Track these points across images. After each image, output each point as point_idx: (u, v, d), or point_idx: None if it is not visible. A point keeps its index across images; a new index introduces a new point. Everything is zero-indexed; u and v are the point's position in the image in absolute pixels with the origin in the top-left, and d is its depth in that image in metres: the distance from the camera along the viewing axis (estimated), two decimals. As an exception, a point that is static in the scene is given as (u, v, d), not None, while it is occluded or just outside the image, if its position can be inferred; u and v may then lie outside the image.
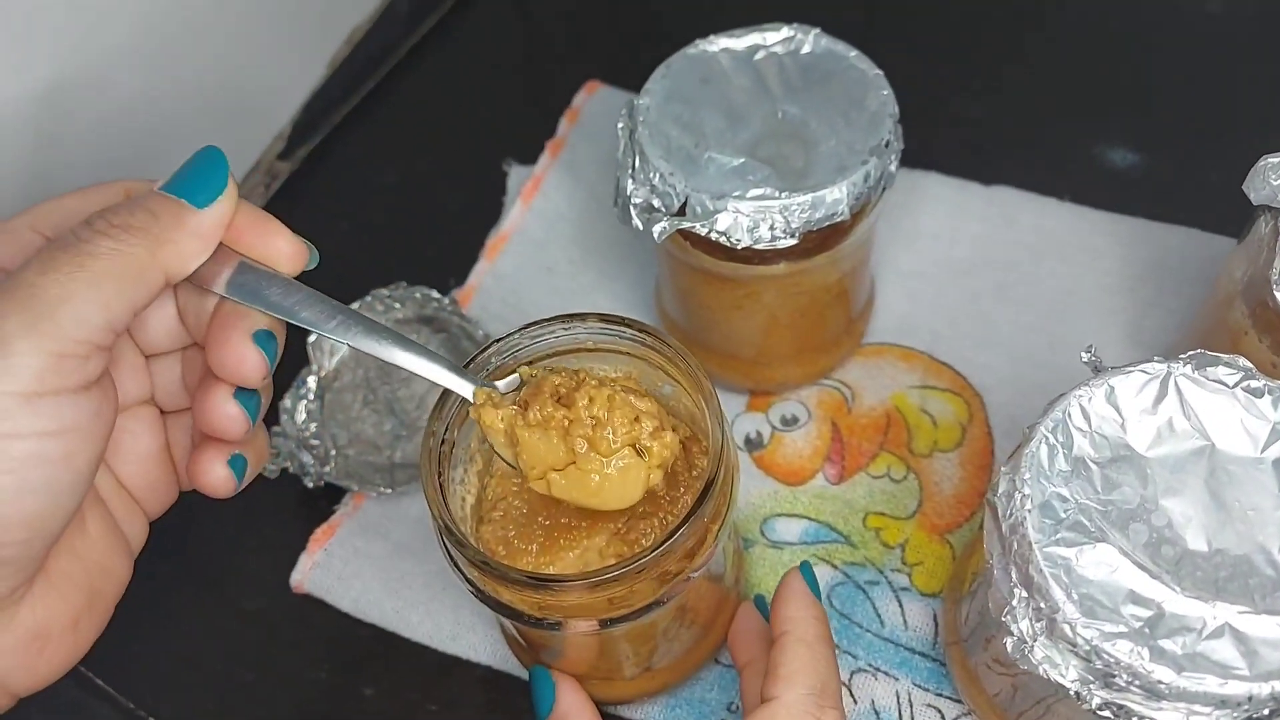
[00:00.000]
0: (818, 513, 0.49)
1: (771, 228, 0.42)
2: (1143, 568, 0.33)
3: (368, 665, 0.47)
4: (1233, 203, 0.42)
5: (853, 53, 0.46)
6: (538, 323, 0.39)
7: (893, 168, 0.44)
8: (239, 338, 0.33)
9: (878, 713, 0.44)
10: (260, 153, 0.61)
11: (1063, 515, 0.34)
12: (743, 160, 0.43)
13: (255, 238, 0.33)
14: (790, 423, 0.51)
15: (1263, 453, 0.35)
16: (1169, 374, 0.36)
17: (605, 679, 0.43)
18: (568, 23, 0.68)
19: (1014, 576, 0.34)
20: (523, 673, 0.46)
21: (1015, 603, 0.34)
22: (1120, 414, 0.36)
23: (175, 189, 0.32)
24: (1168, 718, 0.32)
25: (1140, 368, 0.36)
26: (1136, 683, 0.32)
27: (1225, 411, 0.35)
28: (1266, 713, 0.31)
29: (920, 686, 0.44)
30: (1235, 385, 0.35)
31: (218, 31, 0.55)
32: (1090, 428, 0.35)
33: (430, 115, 0.65)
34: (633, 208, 0.44)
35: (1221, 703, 0.31)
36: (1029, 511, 0.34)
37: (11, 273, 0.30)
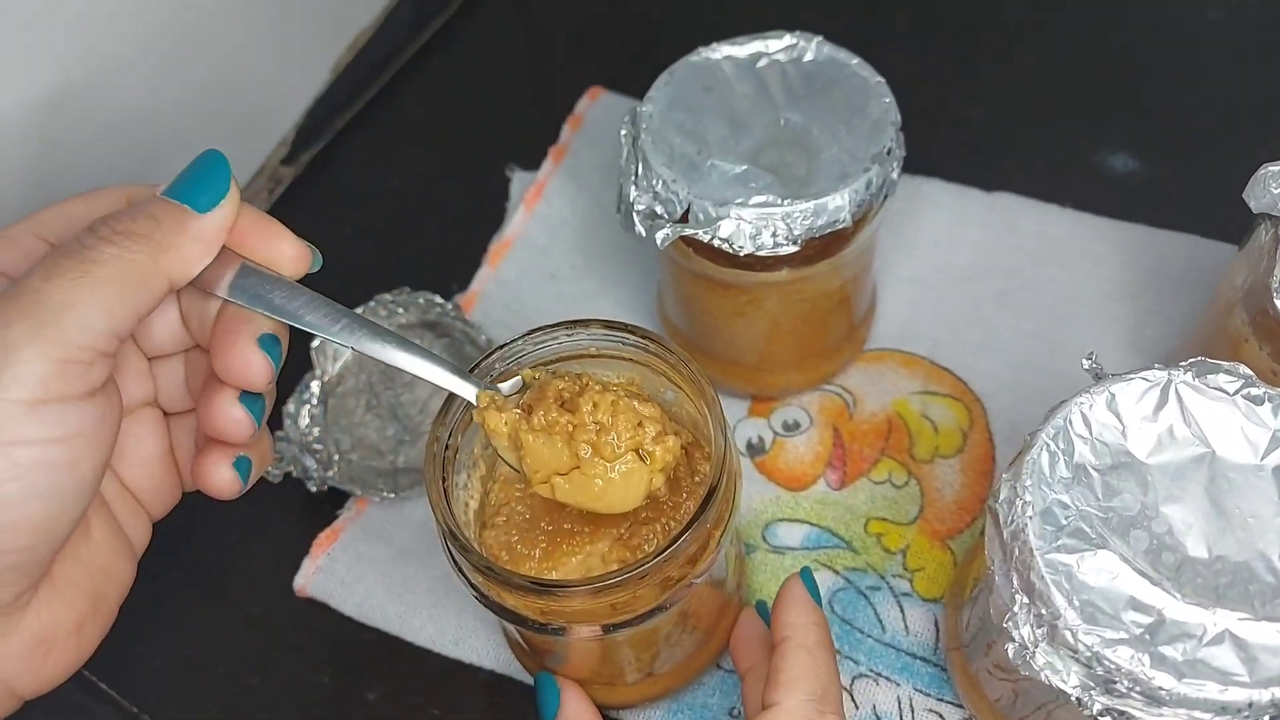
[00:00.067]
0: (819, 518, 0.49)
1: (774, 235, 0.42)
2: (1143, 574, 0.33)
3: (371, 669, 0.47)
4: (1234, 210, 0.42)
5: (854, 60, 0.46)
6: (541, 329, 0.39)
7: (894, 175, 0.44)
8: (244, 342, 0.33)
9: (879, 718, 0.44)
10: (264, 158, 0.61)
11: (1064, 522, 0.34)
12: (745, 167, 0.43)
13: (258, 241, 0.33)
14: (792, 428, 0.51)
15: (1263, 460, 0.35)
16: (1169, 381, 0.36)
17: (607, 684, 0.43)
18: (570, 29, 0.68)
19: (1015, 583, 0.34)
20: (526, 677, 0.46)
21: (1016, 609, 0.34)
22: (1121, 421, 0.36)
23: (177, 194, 0.32)
24: (1168, 724, 0.32)
25: (1141, 375, 0.36)
26: (1137, 689, 0.32)
27: (1225, 419, 0.35)
28: (1267, 719, 0.31)
29: (921, 692, 0.44)
30: (1235, 392, 0.35)
31: (222, 37, 0.55)
32: (1091, 435, 0.35)
33: (434, 121, 0.65)
34: (635, 214, 0.44)
35: (1222, 709, 0.31)
36: (1030, 518, 0.34)
37: (16, 279, 0.30)
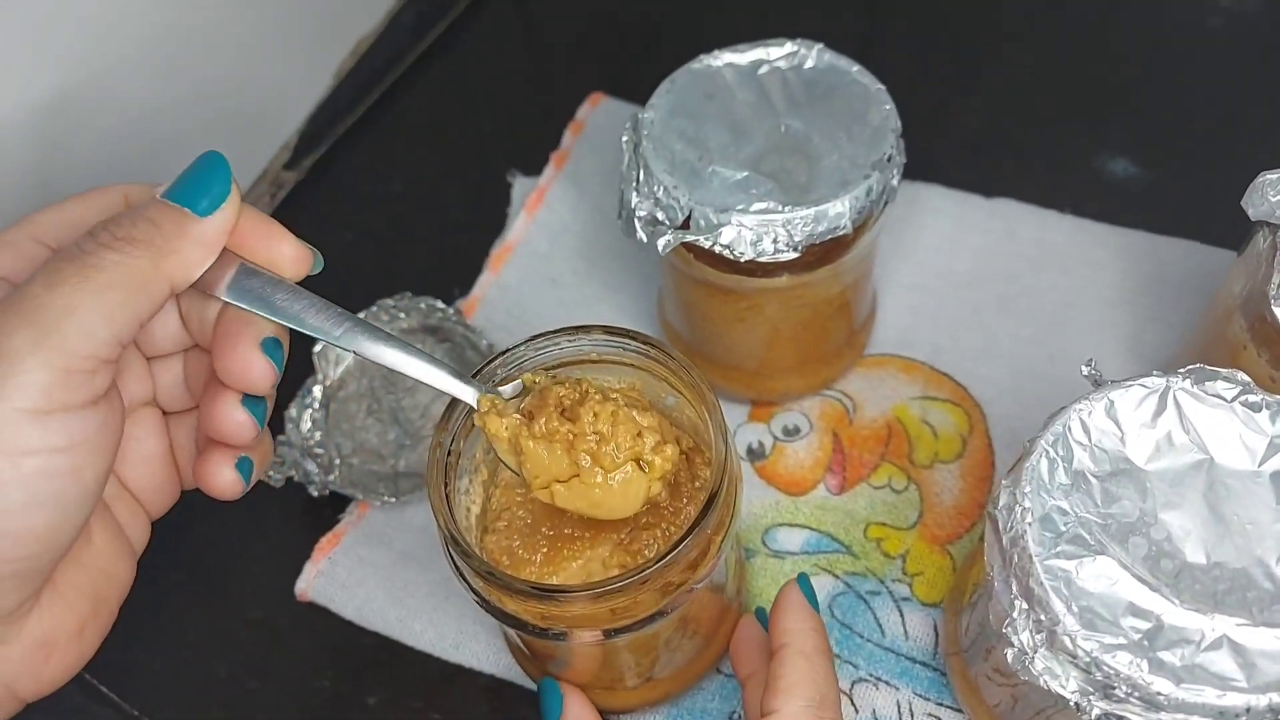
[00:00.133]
0: (819, 523, 0.49)
1: (774, 241, 0.42)
2: (1142, 580, 0.33)
3: (371, 673, 0.47)
4: (1233, 216, 0.42)
5: (855, 67, 0.46)
6: (543, 334, 0.39)
7: (894, 182, 0.44)
8: (246, 345, 0.33)
9: (879, 723, 0.44)
10: (266, 162, 0.61)
11: (1063, 528, 0.34)
12: (746, 174, 0.43)
13: (259, 243, 0.33)
14: (792, 433, 0.52)
15: (1260, 466, 0.35)
16: (1168, 388, 0.36)
17: (607, 689, 0.43)
18: (572, 34, 0.68)
19: (1014, 589, 0.34)
20: (526, 682, 0.46)
21: (1016, 614, 0.34)
22: (1120, 428, 0.36)
23: (177, 196, 0.31)
24: (1166, 729, 0.32)
25: (1139, 382, 0.36)
26: (1136, 694, 0.32)
27: (1224, 426, 0.35)
28: (1264, 724, 0.31)
29: (921, 696, 0.44)
30: (1233, 399, 0.36)
31: (224, 42, 0.56)
32: (1090, 441, 0.36)
33: (435, 126, 0.65)
34: (637, 220, 0.44)
35: (1220, 714, 0.31)
36: (1029, 524, 0.34)
37: (16, 285, 0.30)
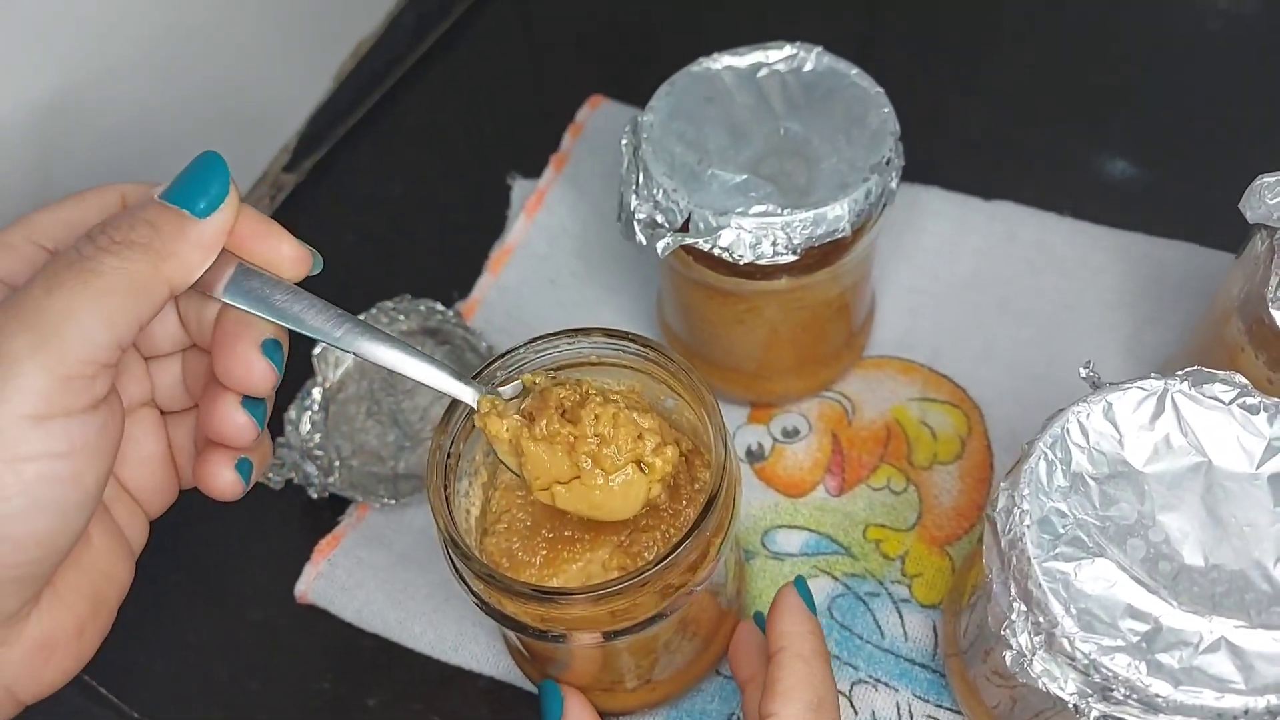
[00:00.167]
0: (818, 524, 0.49)
1: (773, 244, 0.42)
2: (1140, 582, 0.33)
3: (371, 676, 0.47)
4: (1231, 218, 0.42)
5: (854, 70, 0.46)
6: (542, 337, 0.39)
7: (893, 185, 0.44)
8: (246, 347, 0.33)
9: (878, 724, 0.44)
10: (266, 164, 0.61)
11: (1061, 530, 0.34)
12: (745, 177, 0.43)
13: (257, 243, 0.33)
14: (791, 435, 0.52)
15: (1258, 469, 0.35)
16: (1166, 390, 0.36)
17: (607, 690, 0.43)
18: (572, 37, 0.68)
19: (1013, 590, 0.34)
20: (526, 684, 0.46)
21: (1014, 616, 0.34)
22: (1118, 430, 0.36)
23: (175, 197, 0.31)
24: (1165, 731, 0.32)
25: (1138, 384, 0.36)
26: (1134, 696, 0.32)
27: (1221, 428, 0.35)
28: (1262, 726, 0.32)
29: (920, 698, 0.44)
30: (1231, 402, 0.36)
31: (224, 44, 0.56)
32: (1088, 444, 0.36)
33: (435, 128, 0.65)
34: (636, 223, 0.44)
35: (1218, 716, 0.31)
36: (1028, 527, 0.34)
37: (14, 288, 0.30)
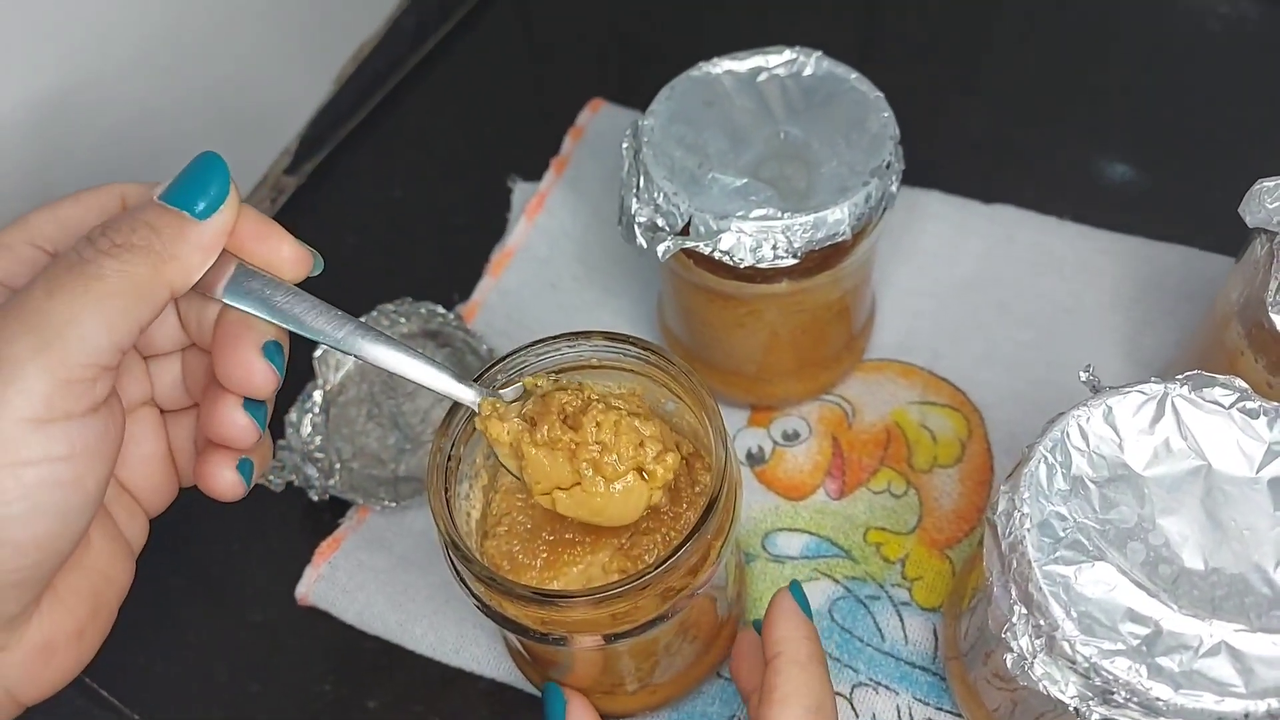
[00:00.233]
0: (819, 527, 0.49)
1: (774, 247, 0.42)
2: (1140, 586, 0.33)
3: (372, 677, 0.47)
4: (1230, 222, 0.42)
5: (854, 75, 0.46)
6: (543, 340, 0.39)
7: (893, 188, 0.45)
8: (247, 350, 0.33)
9: (878, 727, 0.44)
10: (267, 167, 0.61)
11: (1061, 534, 0.34)
12: (745, 181, 0.43)
13: (258, 244, 0.33)
14: (791, 438, 0.52)
15: (1258, 473, 0.35)
16: (1166, 394, 0.36)
17: (608, 693, 0.43)
18: (572, 40, 0.68)
19: (1013, 594, 0.34)
20: (526, 686, 0.46)
21: (1015, 619, 0.34)
22: (1118, 434, 0.36)
23: (175, 198, 0.31)
24: (1165, 734, 0.32)
25: (1138, 388, 0.36)
26: (1134, 699, 0.32)
27: (1221, 432, 0.36)
28: (1262, 730, 0.32)
29: (920, 701, 0.44)
30: (1231, 406, 0.36)
31: (226, 47, 0.56)
32: (1088, 447, 0.36)
33: (436, 131, 0.65)
34: (637, 226, 0.44)
35: (1218, 720, 0.32)
36: (1028, 530, 0.34)
37: (14, 290, 0.30)
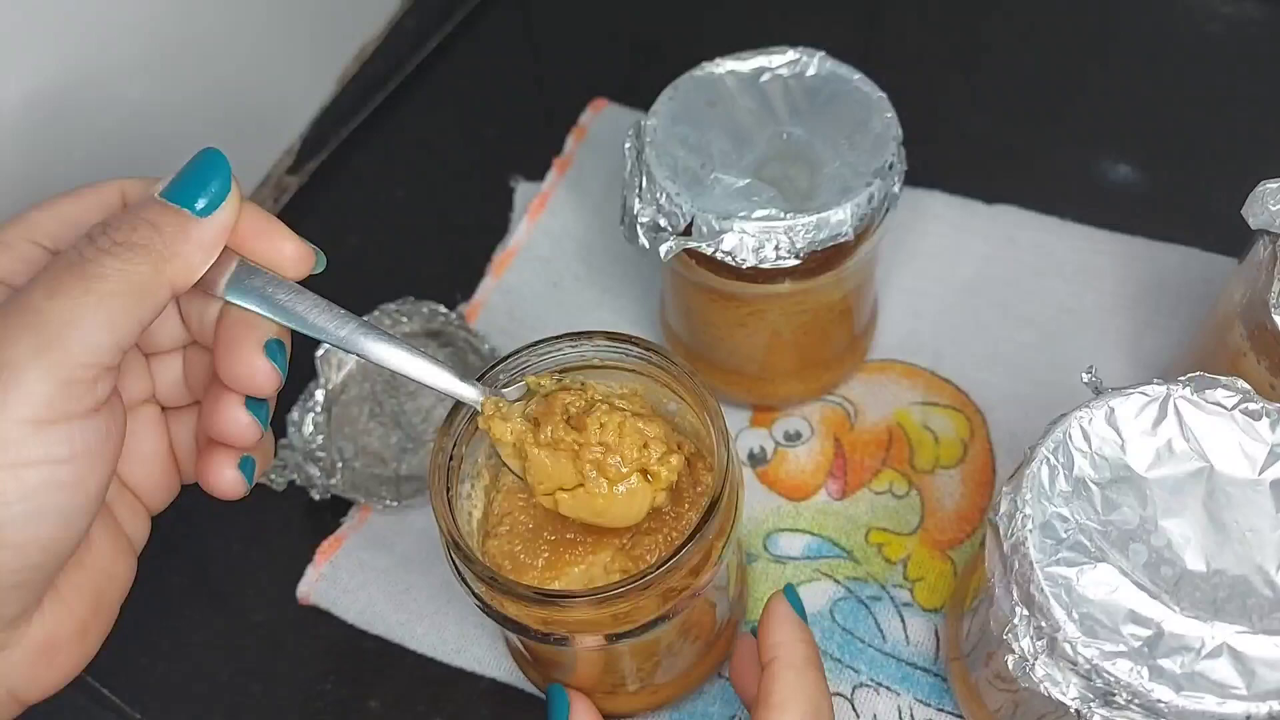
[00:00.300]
0: (820, 528, 0.49)
1: (776, 248, 0.42)
2: (1142, 588, 0.33)
3: (373, 677, 0.47)
4: (1233, 223, 0.42)
5: (857, 75, 0.46)
6: (545, 340, 0.39)
7: (896, 189, 0.45)
8: (249, 349, 0.32)
9: (879, 728, 0.44)
10: (269, 167, 0.61)
11: (1063, 535, 0.34)
12: (748, 181, 0.43)
13: (259, 241, 0.33)
14: (793, 438, 0.52)
15: (1260, 475, 0.35)
16: (1168, 396, 0.36)
17: (609, 693, 0.43)
18: (574, 40, 0.68)
19: (1015, 595, 0.34)
20: (528, 686, 0.46)
21: (1016, 621, 0.34)
22: (1120, 435, 0.36)
23: (176, 195, 0.31)
24: (1167, 736, 0.32)
25: (1140, 389, 0.36)
26: (1136, 701, 0.32)
27: (1224, 434, 0.36)
28: (1264, 732, 0.32)
29: (922, 702, 0.44)
30: (1234, 407, 0.36)
31: (229, 46, 0.56)
32: (1090, 449, 0.36)
33: (438, 131, 0.65)
34: (639, 227, 0.44)
35: (1220, 721, 0.31)
36: (1030, 531, 0.34)
37: (16, 291, 0.29)
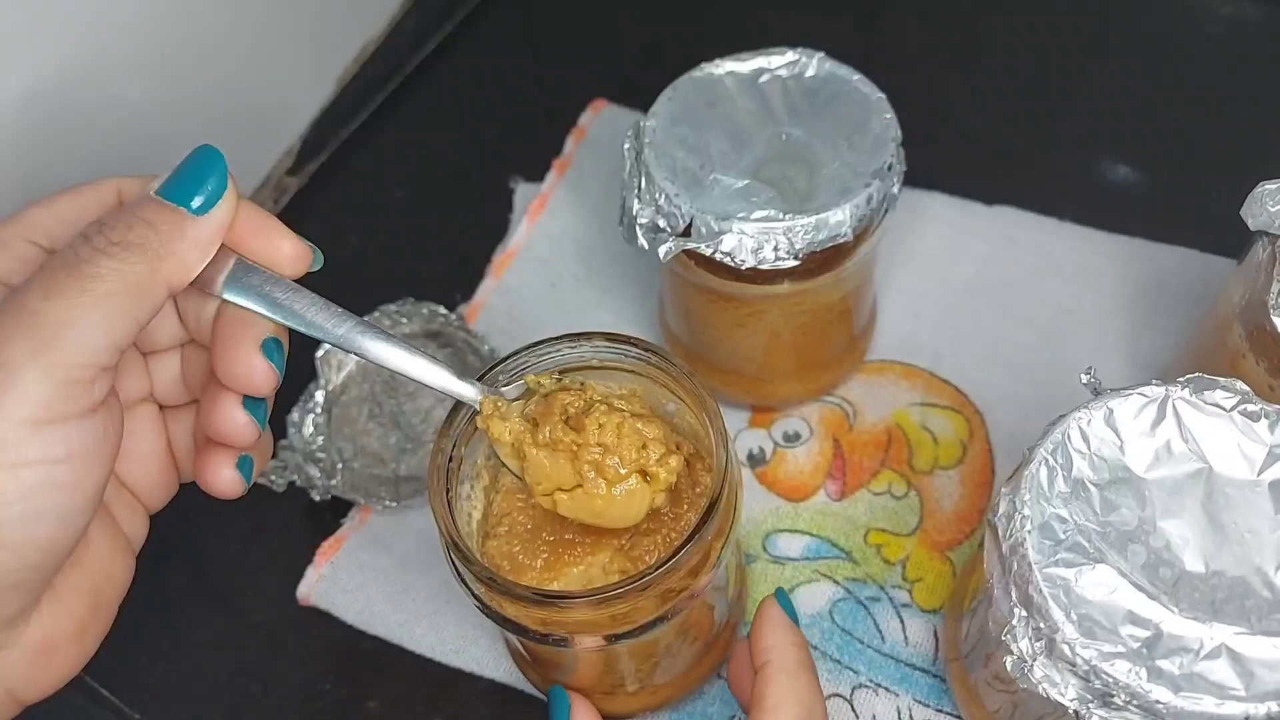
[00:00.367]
0: (819, 529, 0.49)
1: (775, 249, 0.42)
2: (1141, 589, 0.33)
3: (373, 678, 0.47)
4: (1232, 224, 0.42)
5: (856, 76, 0.46)
6: (544, 341, 0.39)
7: (895, 190, 0.45)
8: (247, 348, 0.32)
9: (878, 729, 0.44)
10: (269, 168, 0.61)
11: (1062, 536, 0.34)
12: (747, 182, 0.43)
13: (257, 239, 0.33)
14: (792, 439, 0.52)
15: (1259, 476, 0.35)
16: (1167, 397, 0.36)
17: (608, 694, 0.43)
18: (574, 41, 0.68)
19: (1014, 596, 0.34)
20: (527, 686, 0.46)
21: (1015, 622, 0.34)
22: (1119, 436, 0.36)
23: (172, 194, 0.31)
24: (1165, 737, 0.32)
25: (1139, 390, 0.36)
26: (1134, 702, 0.32)
27: (1222, 435, 0.36)
28: (1262, 733, 0.32)
29: (920, 702, 0.44)
30: (1232, 409, 0.36)
31: (228, 47, 0.56)
32: (1089, 450, 0.36)
33: (437, 132, 0.65)
34: (638, 227, 0.44)
35: (1218, 723, 0.31)
36: (1029, 532, 0.34)
37: (13, 291, 0.29)
